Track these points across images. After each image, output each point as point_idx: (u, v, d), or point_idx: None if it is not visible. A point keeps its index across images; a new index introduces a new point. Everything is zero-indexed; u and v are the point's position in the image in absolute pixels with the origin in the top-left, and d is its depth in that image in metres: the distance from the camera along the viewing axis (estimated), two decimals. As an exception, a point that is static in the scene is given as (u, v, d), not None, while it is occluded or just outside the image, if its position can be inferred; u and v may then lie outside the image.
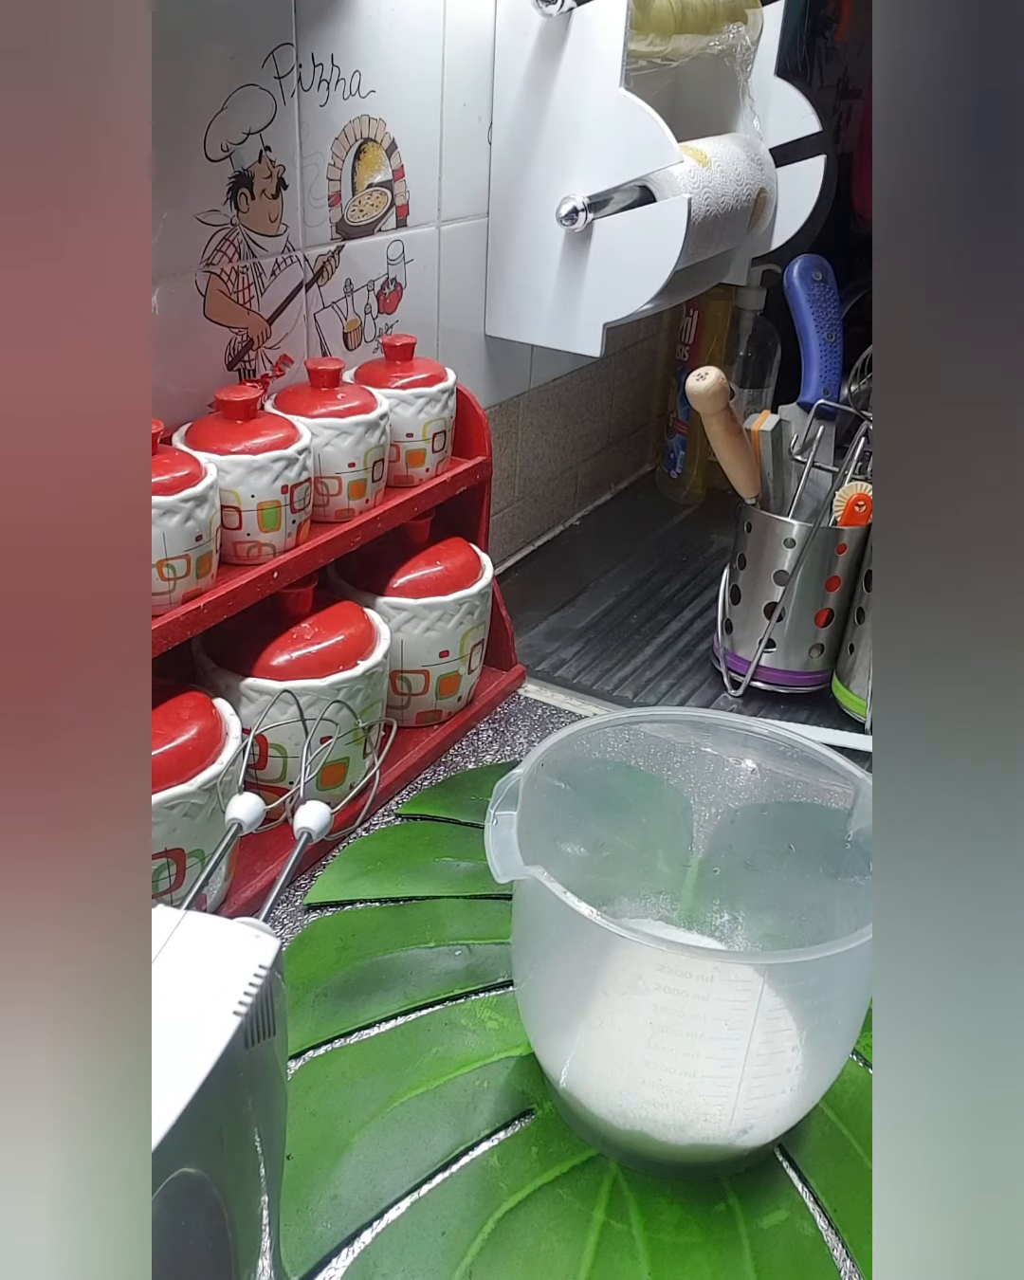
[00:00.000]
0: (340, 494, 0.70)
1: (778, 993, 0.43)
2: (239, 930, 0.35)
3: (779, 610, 0.84)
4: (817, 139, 0.93)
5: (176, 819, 0.55)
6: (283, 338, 0.72)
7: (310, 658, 0.65)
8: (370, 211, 0.76)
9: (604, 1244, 0.47)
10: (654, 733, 0.56)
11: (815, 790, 0.53)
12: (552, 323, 0.87)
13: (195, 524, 0.58)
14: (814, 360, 0.90)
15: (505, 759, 0.78)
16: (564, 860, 0.56)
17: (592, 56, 0.76)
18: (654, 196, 0.80)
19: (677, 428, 1.21)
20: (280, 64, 0.65)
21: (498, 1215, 0.48)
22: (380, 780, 0.70)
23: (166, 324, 0.64)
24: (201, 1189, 0.32)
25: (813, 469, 0.85)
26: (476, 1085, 0.54)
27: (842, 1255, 0.48)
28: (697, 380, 0.78)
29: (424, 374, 0.74)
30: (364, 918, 0.64)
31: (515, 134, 0.82)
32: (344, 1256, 0.46)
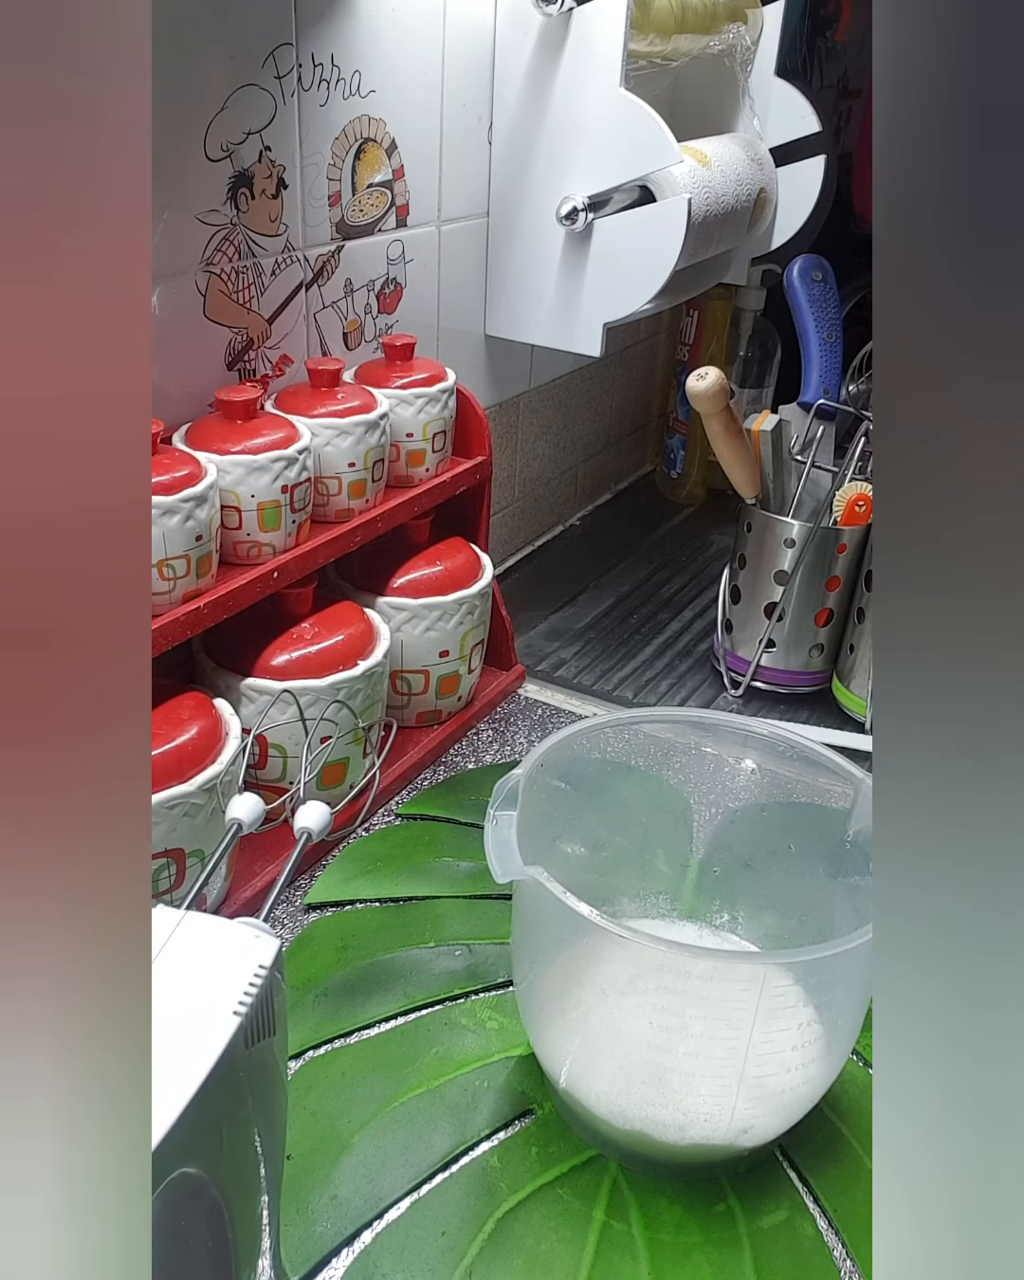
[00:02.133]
0: (340, 494, 0.70)
1: (778, 993, 0.43)
2: (239, 930, 0.35)
3: (779, 610, 0.84)
4: (817, 139, 0.93)
5: (176, 819, 0.55)
6: (283, 338, 0.72)
7: (310, 658, 0.65)
8: (370, 211, 0.76)
9: (604, 1244, 0.47)
10: (654, 733, 0.56)
11: (815, 790, 0.53)
12: (551, 323, 0.87)
13: (195, 524, 0.58)
14: (814, 360, 0.90)
15: (505, 759, 0.78)
16: (564, 860, 0.56)
17: (591, 56, 0.76)
18: (654, 196, 0.80)
19: (677, 428, 1.21)
20: (280, 64, 0.65)
21: (498, 1215, 0.48)
22: (380, 780, 0.70)
23: (166, 324, 0.64)
24: (201, 1189, 0.32)
25: (813, 469, 0.85)
26: (477, 1085, 0.54)
27: (842, 1255, 0.48)
28: (697, 380, 0.78)
29: (424, 374, 0.74)
30: (364, 918, 0.64)
31: (515, 134, 0.82)
32: (344, 1256, 0.46)
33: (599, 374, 1.13)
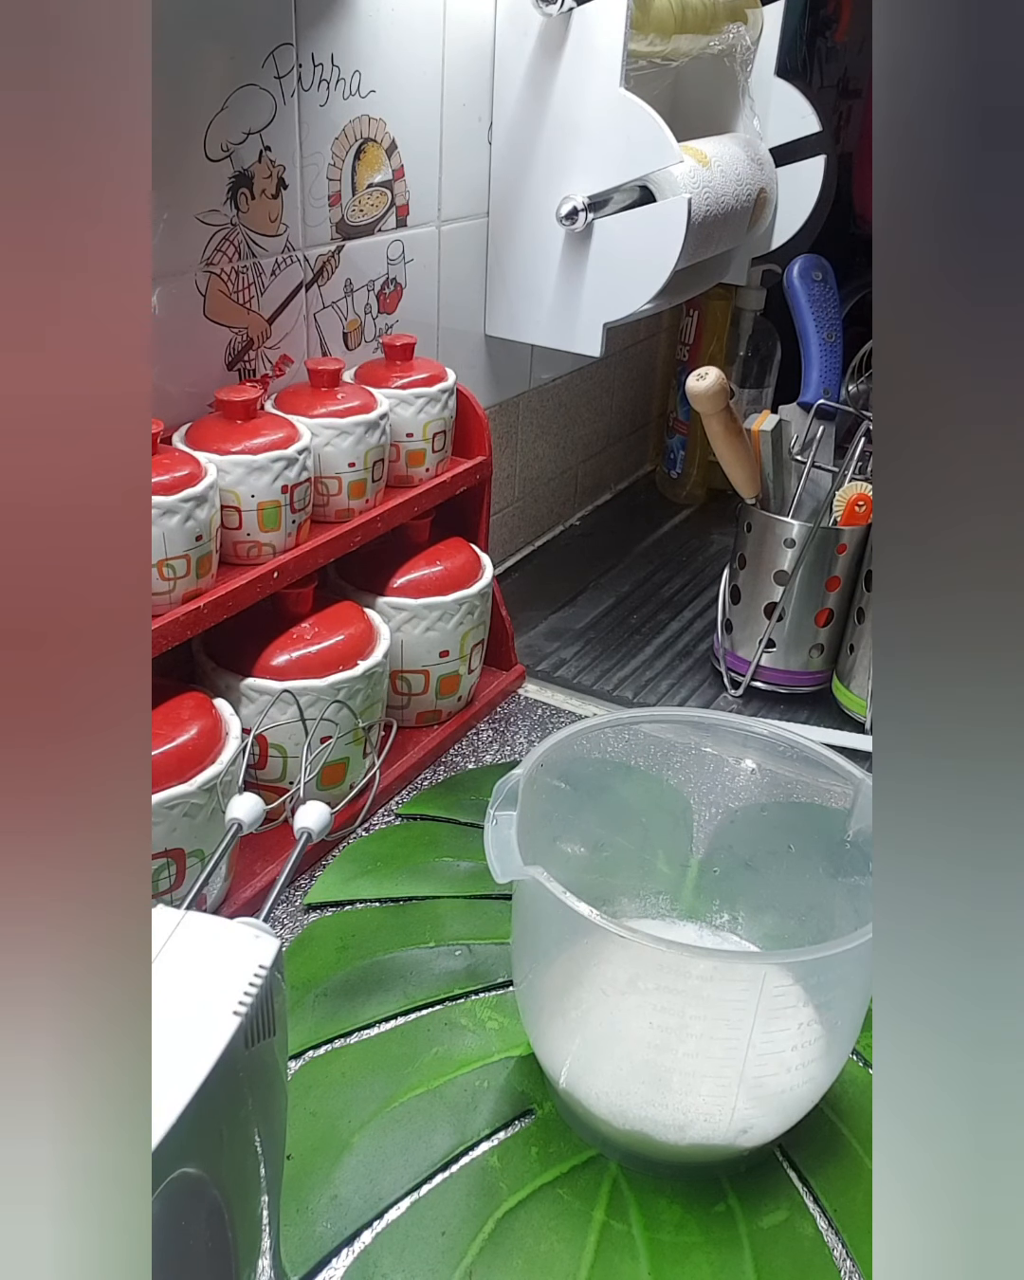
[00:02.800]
0: (340, 494, 0.70)
1: (778, 993, 0.43)
2: (239, 930, 0.35)
3: (779, 610, 0.84)
4: (817, 139, 0.93)
5: (176, 819, 0.55)
6: (283, 338, 0.72)
7: (310, 658, 0.65)
8: (370, 211, 0.76)
9: (604, 1244, 0.47)
10: (654, 733, 0.56)
11: (815, 790, 0.53)
12: (551, 323, 0.87)
13: (195, 524, 0.58)
14: (814, 360, 0.90)
15: (505, 759, 0.78)
16: (564, 860, 0.56)
17: (591, 56, 0.76)
18: (654, 196, 0.80)
19: (677, 428, 1.21)
20: (280, 64, 0.65)
21: (498, 1215, 0.48)
22: (380, 780, 0.70)
23: (166, 324, 0.64)
24: (201, 1189, 0.32)
25: (813, 469, 0.85)
26: (477, 1085, 0.54)
27: (842, 1255, 0.48)
28: (697, 380, 0.78)
29: (424, 374, 0.74)
30: (364, 918, 0.64)
31: (515, 134, 0.82)
32: (344, 1256, 0.46)
33: (599, 374, 1.13)
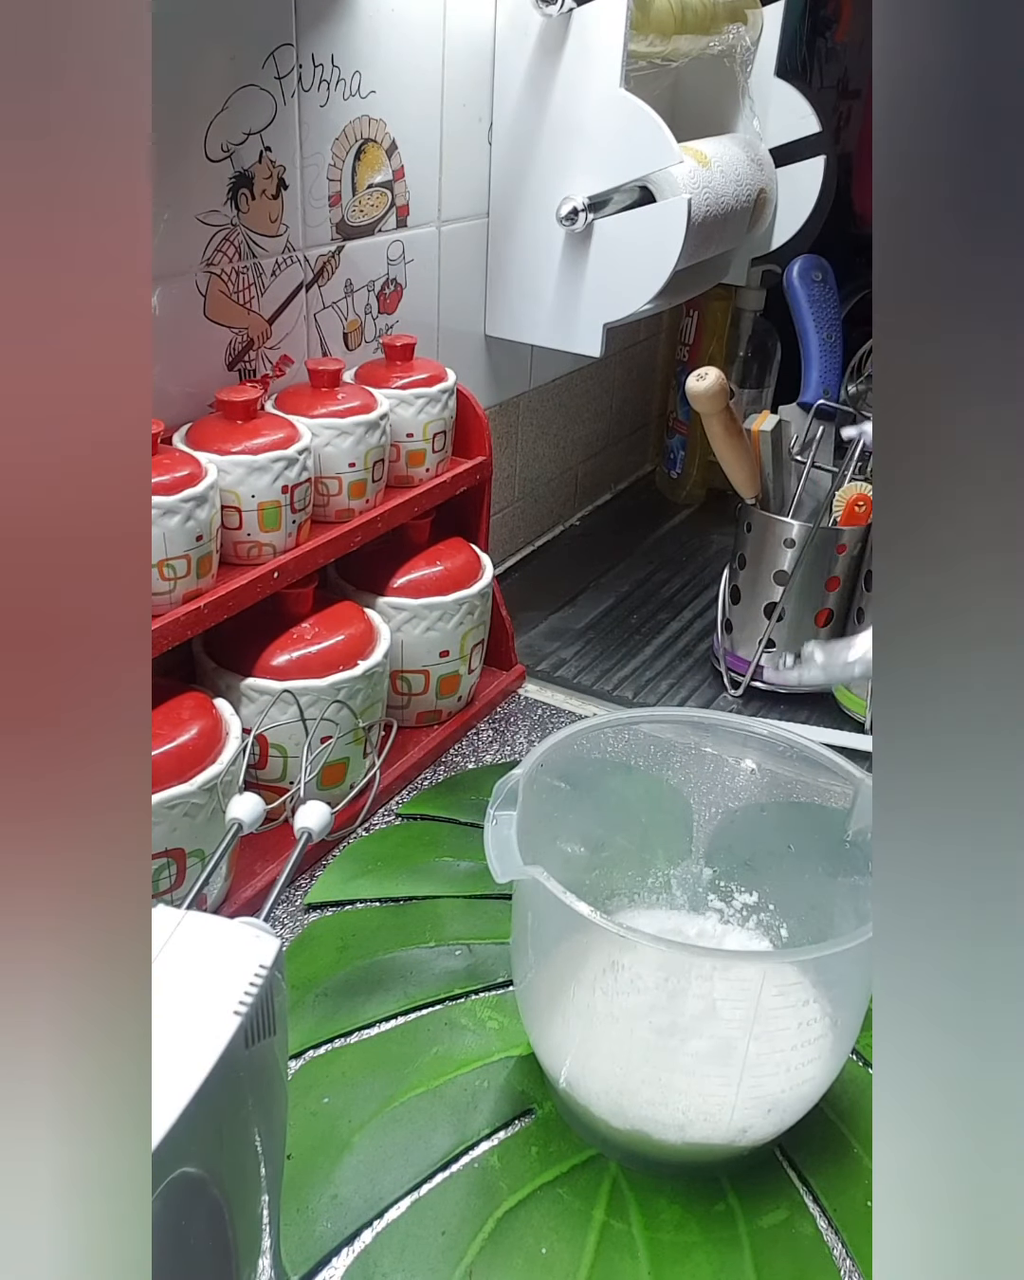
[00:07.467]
0: (340, 494, 0.70)
1: (777, 992, 0.43)
2: (239, 930, 0.35)
3: (779, 610, 0.84)
4: (817, 139, 0.93)
5: (177, 819, 0.55)
6: (283, 338, 0.72)
7: (310, 658, 0.65)
8: (370, 212, 0.76)
9: (604, 1244, 0.47)
10: (654, 733, 0.56)
11: (815, 790, 0.53)
12: (552, 323, 0.87)
13: (195, 524, 0.58)
14: (814, 360, 0.90)
15: (505, 759, 0.78)
16: (564, 860, 0.56)
17: (591, 57, 0.76)
18: (654, 197, 0.80)
19: (677, 428, 1.21)
20: (280, 64, 0.65)
21: (498, 1215, 0.48)
22: (380, 780, 0.70)
23: (166, 324, 0.64)
24: (201, 1189, 0.32)
25: (813, 469, 0.85)
26: (477, 1085, 0.54)
27: (842, 1255, 0.48)
28: (697, 380, 0.78)
29: (424, 374, 0.74)
30: (364, 918, 0.64)
31: (515, 134, 0.82)
32: (344, 1256, 0.46)
33: (599, 374, 1.13)
